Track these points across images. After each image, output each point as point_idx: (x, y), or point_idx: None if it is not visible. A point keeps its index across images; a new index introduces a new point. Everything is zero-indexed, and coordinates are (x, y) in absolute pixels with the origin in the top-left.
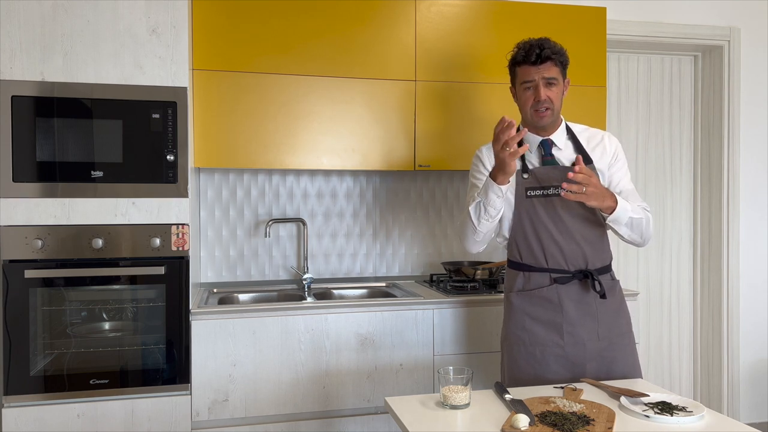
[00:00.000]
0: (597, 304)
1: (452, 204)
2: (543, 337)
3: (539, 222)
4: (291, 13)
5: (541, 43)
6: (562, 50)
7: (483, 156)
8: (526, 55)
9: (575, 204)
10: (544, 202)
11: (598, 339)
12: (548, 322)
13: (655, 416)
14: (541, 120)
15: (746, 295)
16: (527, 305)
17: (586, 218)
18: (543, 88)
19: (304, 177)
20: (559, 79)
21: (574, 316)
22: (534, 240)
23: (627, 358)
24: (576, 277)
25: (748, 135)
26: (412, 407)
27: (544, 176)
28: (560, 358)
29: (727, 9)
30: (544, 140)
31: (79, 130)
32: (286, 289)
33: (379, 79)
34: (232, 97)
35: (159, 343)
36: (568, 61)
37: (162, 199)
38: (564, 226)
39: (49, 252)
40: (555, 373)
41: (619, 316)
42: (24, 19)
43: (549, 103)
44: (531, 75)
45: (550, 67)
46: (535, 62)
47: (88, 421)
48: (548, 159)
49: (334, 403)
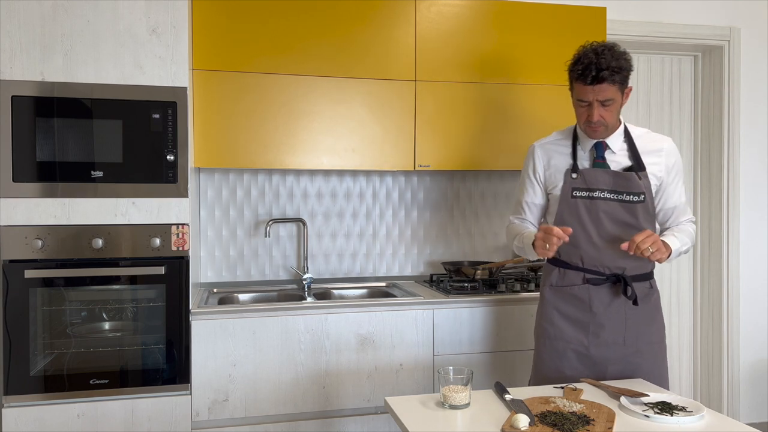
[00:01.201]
0: (627, 309)
1: (452, 204)
2: (568, 333)
3: (580, 223)
4: (291, 13)
5: (600, 62)
6: (624, 65)
7: (536, 155)
8: (582, 74)
9: (620, 210)
10: (589, 204)
11: (624, 344)
12: (576, 320)
13: (655, 416)
14: (594, 134)
15: (746, 296)
16: (558, 301)
17: (628, 225)
18: (597, 108)
19: (304, 177)
20: (615, 98)
21: (603, 317)
22: (574, 239)
23: (654, 368)
24: (609, 280)
25: (748, 135)
26: (412, 407)
27: (592, 178)
28: (582, 356)
29: (727, 9)
30: (598, 143)
31: (79, 130)
32: (286, 289)
33: (379, 79)
34: (232, 97)
35: (159, 343)
36: (630, 72)
37: (162, 199)
38: (605, 230)
39: (49, 252)
40: (574, 370)
41: (651, 325)
42: (24, 19)
43: (602, 122)
44: (586, 95)
45: (607, 88)
46: (591, 83)
47: (88, 421)
48: (599, 162)
49: (334, 403)
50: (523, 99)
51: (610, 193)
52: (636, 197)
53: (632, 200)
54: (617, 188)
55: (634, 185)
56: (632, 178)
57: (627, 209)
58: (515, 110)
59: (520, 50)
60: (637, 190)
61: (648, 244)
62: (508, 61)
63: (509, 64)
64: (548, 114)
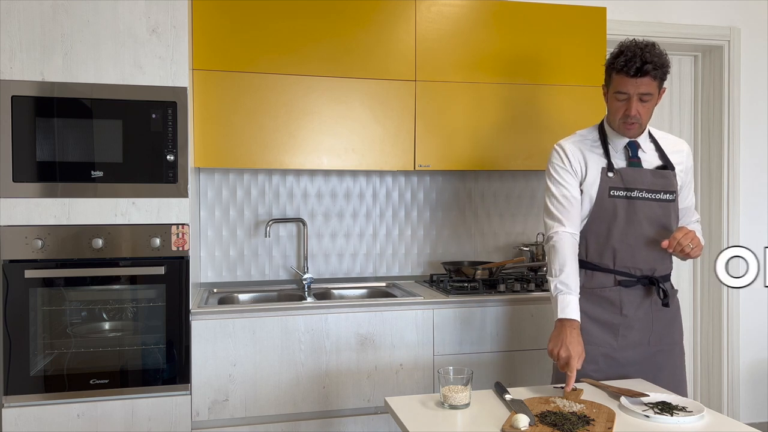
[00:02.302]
0: (654, 310)
1: (452, 204)
2: (597, 336)
3: (616, 223)
4: (291, 13)
5: (644, 55)
6: (665, 62)
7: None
8: (626, 66)
9: (657, 210)
10: (626, 204)
11: (648, 344)
12: (605, 323)
13: (655, 416)
14: (628, 132)
15: (746, 295)
16: (586, 303)
17: (662, 225)
18: (636, 103)
19: (304, 177)
20: (654, 94)
21: (633, 319)
22: (605, 240)
23: (674, 368)
24: (641, 282)
25: (748, 135)
26: (412, 407)
27: (630, 177)
28: (608, 358)
29: (727, 9)
30: (632, 142)
31: (79, 130)
32: (286, 289)
33: (379, 79)
34: (232, 97)
35: (159, 343)
36: (669, 70)
37: (162, 199)
38: (641, 231)
39: (49, 252)
40: (599, 371)
41: (673, 325)
42: (24, 19)
43: (638, 118)
44: (627, 87)
45: (648, 82)
46: (634, 75)
47: (88, 421)
48: (634, 161)
49: (334, 403)
50: (523, 99)
51: (647, 193)
52: (670, 196)
53: (667, 199)
54: (654, 187)
55: (670, 183)
56: (669, 176)
57: (663, 208)
58: (515, 110)
59: (520, 50)
60: (671, 188)
61: (688, 241)
62: (508, 61)
63: (509, 64)
64: (549, 114)
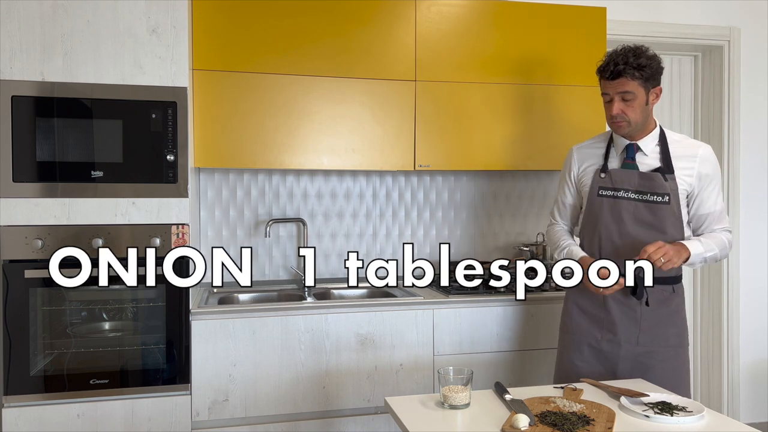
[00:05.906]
0: (642, 310)
1: (452, 204)
2: (584, 327)
3: (602, 221)
4: (291, 13)
5: (617, 58)
6: (643, 63)
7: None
8: (603, 70)
9: (643, 210)
10: (612, 203)
11: (636, 344)
12: (592, 316)
13: (655, 416)
14: (618, 130)
15: (746, 296)
16: (578, 296)
17: (651, 225)
18: (618, 102)
19: (304, 177)
20: (636, 92)
21: (616, 316)
22: (594, 236)
23: (668, 370)
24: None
25: (748, 135)
26: (412, 407)
27: (619, 179)
28: (595, 350)
29: (727, 9)
30: (630, 144)
31: (79, 130)
32: (286, 289)
33: (379, 79)
34: (232, 97)
35: (159, 343)
36: (656, 71)
37: (162, 199)
38: (626, 230)
39: (49, 252)
40: (587, 363)
41: (669, 328)
42: (24, 19)
43: (623, 117)
44: (607, 89)
45: (625, 82)
46: (609, 77)
47: (88, 421)
48: (628, 162)
49: (334, 403)
50: (523, 99)
51: (634, 193)
52: (660, 198)
53: (656, 201)
54: (642, 188)
55: (659, 186)
56: (657, 178)
57: (650, 209)
58: (515, 110)
59: (520, 50)
60: (661, 190)
61: (660, 255)
62: (508, 62)
63: (509, 65)
64: (549, 114)
